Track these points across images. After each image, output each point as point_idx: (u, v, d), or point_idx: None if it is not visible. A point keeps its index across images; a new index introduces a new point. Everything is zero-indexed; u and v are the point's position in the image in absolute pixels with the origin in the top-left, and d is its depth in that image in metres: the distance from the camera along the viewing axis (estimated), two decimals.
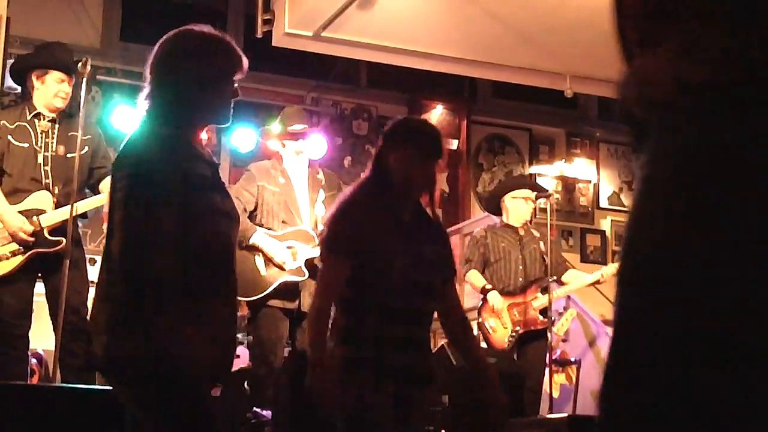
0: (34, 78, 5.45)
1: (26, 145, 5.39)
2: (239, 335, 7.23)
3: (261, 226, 5.69)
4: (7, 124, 5.38)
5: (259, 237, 5.50)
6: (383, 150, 3.45)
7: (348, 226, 3.34)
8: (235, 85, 3.01)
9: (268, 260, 5.58)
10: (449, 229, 10.17)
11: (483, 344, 7.09)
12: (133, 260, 2.74)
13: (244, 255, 5.44)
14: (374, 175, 3.45)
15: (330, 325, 3.32)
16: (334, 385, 3.21)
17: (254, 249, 5.55)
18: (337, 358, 3.25)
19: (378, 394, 3.22)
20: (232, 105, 3.03)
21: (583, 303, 8.45)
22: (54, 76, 5.44)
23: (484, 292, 6.77)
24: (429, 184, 3.47)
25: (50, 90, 5.44)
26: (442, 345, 6.34)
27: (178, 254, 2.73)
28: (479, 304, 6.92)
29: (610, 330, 8.18)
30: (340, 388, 3.18)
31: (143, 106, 2.97)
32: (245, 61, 3.03)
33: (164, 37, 3.02)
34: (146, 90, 2.97)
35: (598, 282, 6.90)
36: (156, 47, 3.01)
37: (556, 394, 6.72)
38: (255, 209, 5.67)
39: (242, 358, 7.16)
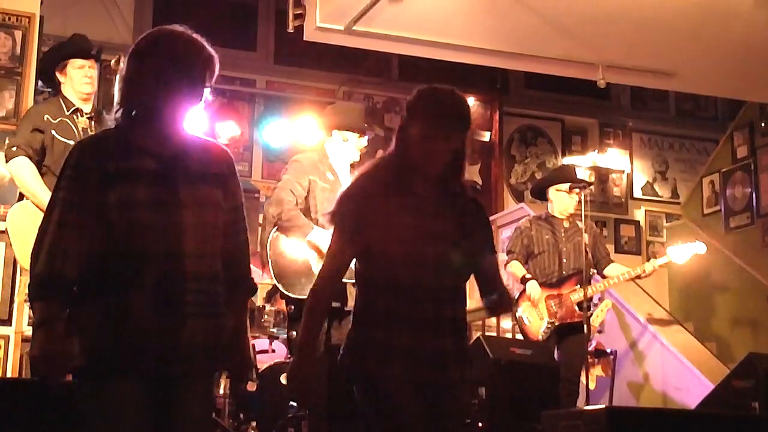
0: (57, 74, 5.45)
1: (71, 141, 5.17)
2: (274, 329, 7.26)
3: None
4: (51, 119, 5.32)
5: (314, 235, 5.38)
6: (404, 122, 3.21)
7: (356, 205, 3.17)
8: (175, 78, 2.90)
9: (322, 257, 5.48)
10: None
11: (519, 335, 7.09)
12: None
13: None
14: (395, 150, 3.23)
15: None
16: (310, 376, 3.12)
17: (311, 246, 5.42)
18: (350, 341, 3.17)
19: (386, 370, 3.06)
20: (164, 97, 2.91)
21: (627, 302, 8.38)
22: (74, 64, 5.44)
23: (523, 281, 6.78)
24: (451, 159, 3.18)
25: (75, 79, 5.43)
26: (478, 337, 6.33)
27: (57, 251, 2.78)
28: (517, 295, 6.92)
29: (654, 329, 8.14)
30: (316, 381, 3.10)
31: None
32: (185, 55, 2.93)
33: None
34: None
35: (639, 276, 6.83)
36: None
37: (592, 386, 6.68)
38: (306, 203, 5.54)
39: (278, 352, 7.19)
